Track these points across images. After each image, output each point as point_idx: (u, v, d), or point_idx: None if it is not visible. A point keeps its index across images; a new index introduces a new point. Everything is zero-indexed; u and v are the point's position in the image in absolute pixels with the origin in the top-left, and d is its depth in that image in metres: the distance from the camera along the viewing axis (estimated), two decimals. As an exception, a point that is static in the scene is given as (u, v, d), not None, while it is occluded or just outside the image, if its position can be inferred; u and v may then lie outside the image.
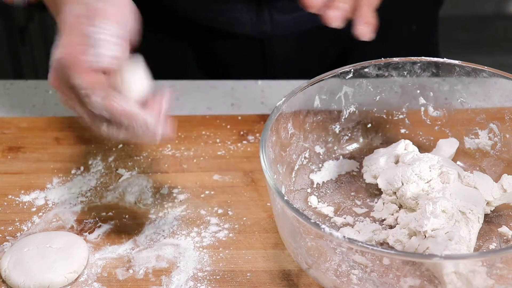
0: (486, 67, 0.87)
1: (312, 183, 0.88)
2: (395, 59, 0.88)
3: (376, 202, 0.86)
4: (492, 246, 0.80)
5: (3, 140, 0.98)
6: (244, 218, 0.87)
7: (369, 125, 0.93)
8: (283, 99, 0.83)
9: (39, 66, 1.98)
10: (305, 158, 0.89)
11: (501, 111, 0.88)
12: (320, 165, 0.90)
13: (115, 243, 0.84)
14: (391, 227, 0.82)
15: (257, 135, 0.98)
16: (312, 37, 1.13)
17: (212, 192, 0.89)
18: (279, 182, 0.82)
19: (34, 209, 0.88)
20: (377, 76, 0.89)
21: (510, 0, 2.54)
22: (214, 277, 0.80)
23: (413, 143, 0.89)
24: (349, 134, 0.92)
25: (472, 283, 0.69)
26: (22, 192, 0.90)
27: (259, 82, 1.09)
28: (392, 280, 0.70)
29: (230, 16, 1.10)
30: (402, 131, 0.93)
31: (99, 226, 0.86)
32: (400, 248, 0.78)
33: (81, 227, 0.86)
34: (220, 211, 0.88)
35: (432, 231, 0.76)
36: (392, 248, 0.78)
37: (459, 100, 0.90)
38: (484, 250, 0.80)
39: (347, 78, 0.88)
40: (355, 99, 0.91)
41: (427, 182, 0.82)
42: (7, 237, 0.85)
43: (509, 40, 2.42)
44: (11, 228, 0.86)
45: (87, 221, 0.87)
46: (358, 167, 0.91)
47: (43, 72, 0.96)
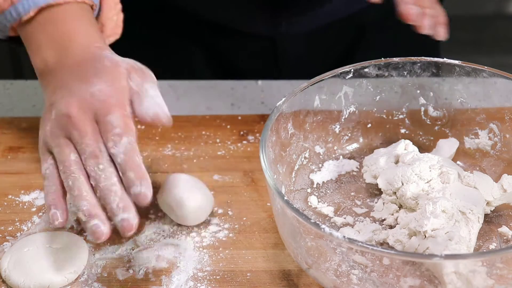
0: (486, 67, 0.87)
1: (312, 183, 0.88)
2: (395, 59, 0.88)
3: (376, 202, 0.86)
4: (492, 246, 0.80)
5: (3, 140, 0.98)
6: (244, 218, 0.87)
7: (369, 125, 0.93)
8: (283, 99, 0.83)
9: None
10: (305, 158, 0.89)
11: (501, 111, 0.88)
12: (320, 165, 0.90)
13: (115, 243, 0.84)
14: (391, 227, 0.82)
15: (257, 135, 0.98)
16: (322, 35, 1.13)
17: (212, 192, 0.89)
18: (279, 182, 0.82)
19: (34, 209, 0.88)
20: (377, 76, 0.89)
21: (510, 0, 2.54)
22: (214, 277, 0.80)
23: (413, 143, 0.89)
24: (349, 134, 0.92)
25: (472, 283, 0.69)
26: (22, 192, 0.90)
27: (259, 82, 1.09)
28: (392, 280, 0.70)
29: (245, 18, 1.10)
30: (402, 131, 0.93)
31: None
32: (400, 248, 0.78)
33: (81, 227, 0.86)
34: (220, 211, 0.88)
35: (432, 231, 0.76)
36: (392, 248, 0.78)
37: (459, 100, 0.90)
38: (484, 250, 0.80)
39: (347, 78, 0.88)
40: (355, 99, 0.91)
41: (427, 182, 0.82)
42: (7, 237, 0.85)
43: (509, 40, 2.42)
44: (11, 228, 0.86)
45: (87, 221, 0.86)
46: (358, 167, 0.91)
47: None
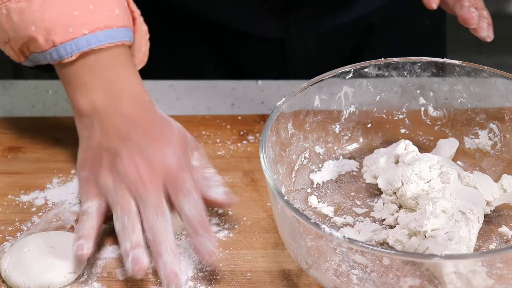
0: (486, 67, 0.87)
1: (312, 183, 0.88)
2: (395, 59, 0.88)
3: (376, 202, 0.85)
4: (492, 246, 0.80)
5: (3, 140, 0.98)
6: (244, 218, 0.87)
7: (369, 125, 0.93)
8: (283, 99, 0.83)
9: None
10: (305, 158, 0.89)
11: (501, 111, 0.88)
12: (320, 165, 0.90)
13: (115, 243, 0.84)
14: (391, 227, 0.82)
15: (257, 135, 0.98)
16: (331, 36, 1.13)
17: (212, 192, 0.89)
18: (279, 182, 0.82)
19: (34, 209, 0.88)
20: (377, 76, 0.89)
21: (510, 0, 2.53)
22: (214, 277, 0.80)
23: (413, 143, 0.89)
24: (349, 134, 0.92)
25: (472, 283, 0.69)
26: (22, 192, 0.90)
27: (259, 82, 1.09)
28: (392, 280, 0.70)
29: (255, 22, 1.10)
30: (402, 131, 0.93)
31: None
32: (400, 248, 0.78)
33: (81, 227, 0.86)
34: (220, 211, 0.88)
35: (432, 231, 0.76)
36: (392, 248, 0.78)
37: (459, 100, 0.90)
38: (484, 250, 0.80)
39: (347, 78, 0.88)
40: (355, 99, 0.91)
41: (427, 182, 0.82)
42: (7, 237, 0.85)
43: (509, 40, 2.42)
44: (11, 228, 0.86)
45: (87, 221, 0.86)
46: (358, 167, 0.91)
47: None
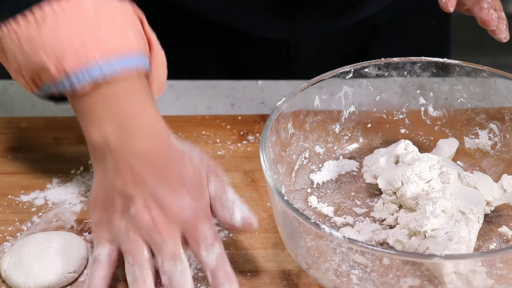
0: (486, 67, 0.87)
1: (312, 183, 0.88)
2: (395, 59, 0.88)
3: (376, 202, 0.85)
4: (492, 246, 0.80)
5: (3, 140, 0.98)
6: (244, 218, 0.87)
7: (369, 125, 0.93)
8: (283, 99, 0.83)
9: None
10: (305, 158, 0.89)
11: (501, 111, 0.88)
12: (320, 165, 0.90)
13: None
14: (391, 227, 0.82)
15: (257, 135, 0.98)
16: (336, 37, 1.13)
17: (212, 192, 0.89)
18: (279, 182, 0.82)
19: (34, 209, 0.88)
20: (377, 76, 0.89)
21: (510, 0, 2.53)
22: (214, 277, 0.80)
23: (413, 143, 0.89)
24: (349, 134, 0.92)
25: (472, 283, 0.69)
26: (22, 192, 0.90)
27: (259, 82, 1.09)
28: (392, 280, 0.70)
29: (260, 23, 1.10)
30: (402, 131, 0.93)
31: (99, 226, 0.86)
32: (400, 248, 0.78)
33: (81, 227, 0.86)
34: (220, 211, 0.88)
35: (432, 231, 0.76)
36: (392, 248, 0.78)
37: (459, 100, 0.90)
38: (484, 250, 0.80)
39: (347, 78, 0.88)
40: (355, 99, 0.91)
41: (427, 182, 0.82)
42: (7, 237, 0.85)
43: (509, 40, 2.42)
44: (11, 228, 0.86)
45: (87, 221, 0.86)
46: (358, 167, 0.91)
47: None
